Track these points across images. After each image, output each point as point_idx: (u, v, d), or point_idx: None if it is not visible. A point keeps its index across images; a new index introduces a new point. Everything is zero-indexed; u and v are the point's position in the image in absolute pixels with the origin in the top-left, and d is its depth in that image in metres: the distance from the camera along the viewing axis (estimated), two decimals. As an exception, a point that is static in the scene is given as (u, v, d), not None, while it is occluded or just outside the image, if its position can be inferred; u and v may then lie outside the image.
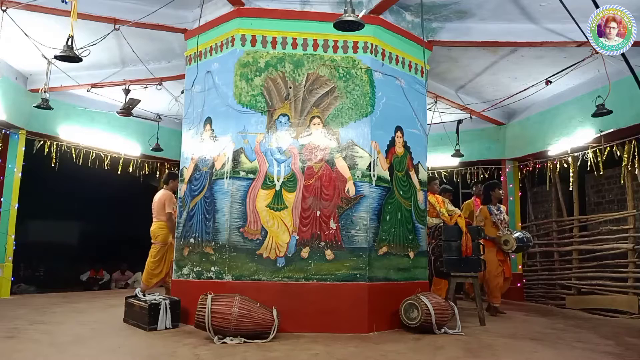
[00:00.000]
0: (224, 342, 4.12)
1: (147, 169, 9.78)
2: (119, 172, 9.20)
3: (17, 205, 7.55)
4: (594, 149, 7.23)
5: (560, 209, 8.80)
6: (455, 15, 5.75)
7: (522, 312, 6.65)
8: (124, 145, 9.06)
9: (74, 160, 8.47)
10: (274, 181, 4.98)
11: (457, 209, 6.62)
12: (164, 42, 6.40)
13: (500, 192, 6.59)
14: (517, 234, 6.37)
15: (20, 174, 7.64)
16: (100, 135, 8.68)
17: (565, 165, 7.96)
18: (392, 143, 5.35)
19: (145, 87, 7.43)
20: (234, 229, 4.88)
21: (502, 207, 6.61)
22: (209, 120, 5.38)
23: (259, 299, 4.43)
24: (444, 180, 9.26)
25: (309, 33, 5.21)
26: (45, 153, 8.13)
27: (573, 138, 7.46)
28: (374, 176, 5.07)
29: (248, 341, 4.18)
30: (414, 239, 5.41)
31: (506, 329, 5.17)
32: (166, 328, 4.74)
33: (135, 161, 9.50)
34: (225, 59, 5.32)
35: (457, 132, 8.61)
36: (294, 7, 5.29)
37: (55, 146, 8.22)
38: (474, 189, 8.15)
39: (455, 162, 9.21)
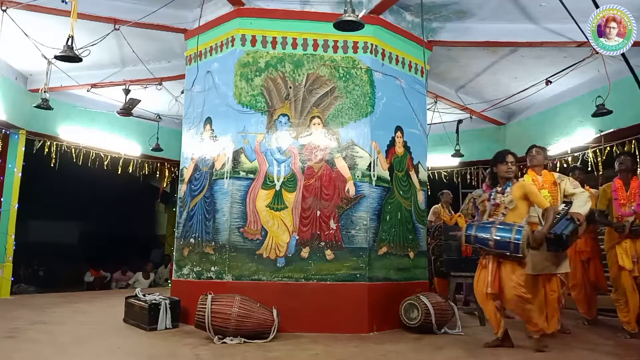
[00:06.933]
0: (224, 342, 4.12)
1: (147, 169, 9.76)
2: (119, 172, 9.18)
3: (17, 205, 7.54)
4: (594, 149, 7.22)
5: (561, 209, 8.79)
6: (455, 15, 5.75)
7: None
8: (124, 145, 9.05)
9: (74, 160, 8.46)
10: (274, 181, 4.98)
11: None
12: (164, 42, 6.40)
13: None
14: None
15: (20, 174, 7.63)
16: (100, 135, 8.67)
17: (565, 165, 7.94)
18: (392, 143, 5.35)
19: (145, 87, 7.42)
20: (234, 229, 4.87)
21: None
22: (209, 120, 5.38)
23: (259, 299, 4.43)
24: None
25: (309, 33, 5.21)
26: (45, 153, 8.11)
27: (573, 138, 7.45)
28: (374, 176, 5.07)
29: (248, 341, 4.18)
30: (414, 239, 5.41)
31: (506, 329, 5.16)
32: (166, 328, 4.74)
33: (135, 161, 9.48)
34: (225, 59, 5.32)
35: (457, 132, 8.61)
36: (294, 7, 5.29)
37: (55, 146, 8.20)
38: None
39: (455, 162, 9.20)
